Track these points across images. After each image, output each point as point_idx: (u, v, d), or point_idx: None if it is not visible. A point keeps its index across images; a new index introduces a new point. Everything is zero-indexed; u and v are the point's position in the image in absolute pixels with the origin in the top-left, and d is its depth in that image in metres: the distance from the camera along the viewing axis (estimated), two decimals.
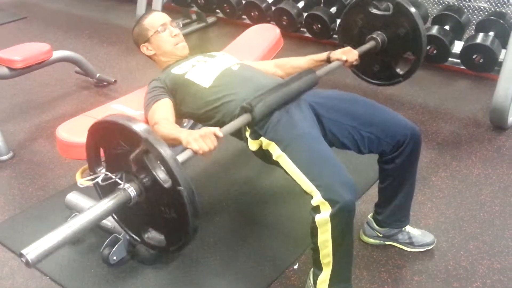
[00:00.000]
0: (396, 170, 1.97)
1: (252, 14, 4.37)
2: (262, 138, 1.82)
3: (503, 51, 3.10)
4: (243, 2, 4.42)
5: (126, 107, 2.25)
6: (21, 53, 3.24)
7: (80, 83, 3.95)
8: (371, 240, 2.21)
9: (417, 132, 1.94)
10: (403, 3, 2.37)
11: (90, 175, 1.72)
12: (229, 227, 2.37)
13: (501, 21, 3.38)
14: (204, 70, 2.09)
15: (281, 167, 1.79)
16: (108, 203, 1.48)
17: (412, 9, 2.36)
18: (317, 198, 1.62)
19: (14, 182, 2.79)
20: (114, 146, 1.55)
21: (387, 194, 2.07)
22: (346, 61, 2.20)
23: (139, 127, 1.44)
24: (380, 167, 2.02)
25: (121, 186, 1.52)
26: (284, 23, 4.18)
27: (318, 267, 1.77)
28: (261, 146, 1.86)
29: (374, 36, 2.43)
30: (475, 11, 3.73)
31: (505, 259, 2.12)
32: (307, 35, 4.25)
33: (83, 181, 1.62)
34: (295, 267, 2.13)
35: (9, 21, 5.49)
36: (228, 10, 4.52)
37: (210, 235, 2.29)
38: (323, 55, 2.26)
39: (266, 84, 1.95)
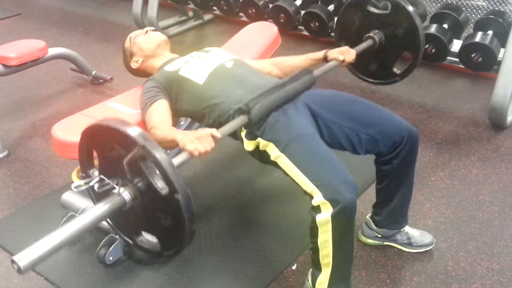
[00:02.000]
0: (393, 171, 1.96)
1: (250, 11, 4.34)
2: (259, 139, 1.81)
3: (502, 50, 3.09)
4: None
5: (122, 106, 2.22)
6: (16, 50, 3.21)
7: (76, 80, 3.92)
8: (370, 241, 2.20)
9: (414, 133, 1.92)
10: (401, 2, 2.36)
11: (82, 176, 1.69)
12: (227, 227, 2.35)
13: (500, 19, 3.36)
14: (197, 66, 2.07)
15: (280, 168, 1.77)
16: (103, 207, 1.45)
17: (410, 8, 2.35)
18: (318, 198, 1.61)
19: (9, 180, 2.76)
20: (109, 149, 1.52)
21: (385, 195, 2.06)
22: (343, 61, 2.18)
23: (135, 133, 1.41)
24: (377, 168, 2.01)
25: (116, 191, 1.49)
26: (282, 21, 4.16)
27: (317, 268, 1.76)
28: (257, 147, 1.84)
29: (371, 35, 2.41)
30: (474, 10, 3.72)
31: (504, 260, 2.11)
32: (305, 33, 4.23)
33: (77, 185, 1.58)
34: (293, 267, 2.11)
35: (3, 17, 5.45)
36: (225, 8, 4.49)
37: (207, 236, 2.28)
38: (320, 54, 2.23)
39: (260, 83, 1.94)
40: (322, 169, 1.68)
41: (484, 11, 3.65)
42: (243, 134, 1.87)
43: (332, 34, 4.08)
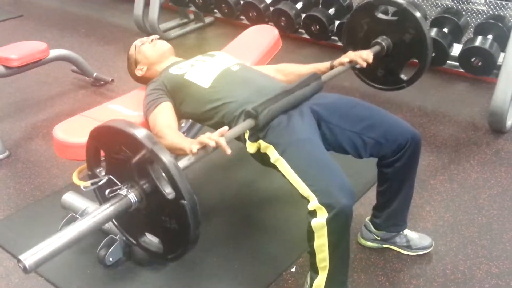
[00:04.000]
0: (395, 173, 1.96)
1: (250, 14, 4.35)
2: (260, 141, 1.81)
3: (502, 54, 3.10)
4: (241, 2, 4.41)
5: (123, 108, 2.23)
6: (18, 51, 3.22)
7: (77, 82, 3.93)
8: (369, 243, 2.20)
9: (417, 136, 1.93)
10: (410, 9, 2.36)
11: (88, 174, 1.70)
12: (227, 229, 2.36)
13: (500, 24, 3.37)
14: (203, 70, 2.08)
15: (279, 171, 1.78)
16: (108, 208, 1.46)
17: (419, 15, 2.35)
18: (314, 203, 1.61)
19: (10, 181, 2.76)
20: (116, 151, 1.52)
21: (386, 197, 2.06)
22: (350, 61, 2.14)
23: (143, 135, 1.42)
24: (379, 171, 2.02)
25: (122, 192, 1.49)
26: (283, 24, 4.17)
27: (315, 271, 1.77)
28: (259, 149, 1.84)
29: (379, 41, 2.41)
30: (474, 14, 3.72)
31: (503, 263, 2.11)
32: (306, 36, 4.24)
33: (86, 184, 1.58)
34: (293, 269, 2.12)
35: (4, 19, 5.45)
36: (226, 10, 4.50)
37: (208, 237, 2.28)
38: (326, 65, 2.22)
39: (268, 86, 1.95)
40: (319, 174, 1.69)
41: (484, 16, 3.65)
42: (246, 135, 1.87)
43: (333, 37, 4.11)
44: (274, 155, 1.77)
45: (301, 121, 1.85)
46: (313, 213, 1.63)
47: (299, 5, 4.20)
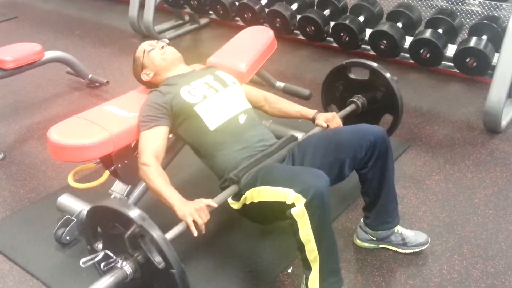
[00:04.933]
0: (370, 171, 2.05)
1: (246, 15, 4.36)
2: (243, 197, 1.91)
3: (496, 54, 3.11)
4: (237, 3, 4.41)
5: (118, 109, 2.22)
6: (12, 53, 3.21)
7: (72, 84, 3.92)
8: (365, 244, 2.21)
9: (380, 134, 2.03)
10: (378, 69, 2.51)
11: (88, 249, 1.86)
12: (222, 230, 2.35)
13: (494, 25, 3.39)
14: (213, 108, 2.08)
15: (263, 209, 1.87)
16: (107, 281, 1.61)
17: (388, 75, 2.49)
18: (291, 196, 1.68)
19: (5, 184, 2.76)
20: (111, 227, 1.67)
21: (370, 196, 2.11)
22: (328, 127, 2.25)
23: (133, 213, 1.57)
24: (358, 174, 2.10)
25: (118, 265, 1.64)
26: (278, 25, 4.18)
27: (307, 267, 1.80)
28: (244, 204, 1.94)
29: (354, 100, 2.57)
30: (468, 15, 3.74)
31: (498, 263, 2.12)
32: (301, 37, 4.25)
33: (85, 260, 1.71)
34: (289, 270, 2.12)
35: None
36: (221, 12, 4.51)
37: (203, 239, 2.27)
38: (310, 114, 2.31)
39: (259, 142, 2.07)
40: (292, 175, 1.81)
41: (479, 16, 3.67)
42: (229, 199, 1.99)
43: (328, 38, 4.12)
44: (254, 193, 1.85)
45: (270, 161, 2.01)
46: (291, 206, 1.69)
47: (294, 7, 4.22)
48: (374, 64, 2.54)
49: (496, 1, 3.59)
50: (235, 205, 2.00)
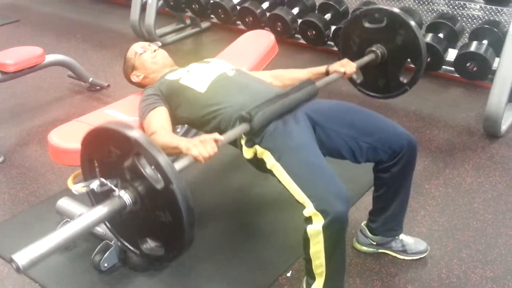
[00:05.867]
0: (392, 178, 1.97)
1: (247, 19, 4.36)
2: (256, 146, 1.81)
3: (497, 59, 3.11)
4: (238, 7, 4.42)
5: (119, 113, 2.23)
6: (14, 56, 3.22)
7: (73, 87, 3.93)
8: (365, 248, 2.20)
9: (413, 141, 1.94)
10: (395, 12, 2.37)
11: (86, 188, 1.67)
12: (223, 234, 2.36)
13: (495, 29, 3.39)
14: (199, 75, 2.08)
15: (275, 176, 1.79)
16: (102, 209, 1.44)
17: (405, 17, 2.35)
18: (310, 209, 1.62)
19: (5, 187, 2.76)
20: (107, 154, 1.51)
21: (382, 202, 2.06)
22: (344, 73, 2.18)
23: (128, 130, 1.42)
24: (375, 176, 2.02)
25: (116, 193, 1.48)
26: (279, 29, 4.18)
27: (311, 277, 1.77)
28: (255, 154, 1.84)
29: (373, 49, 2.42)
30: (469, 19, 3.75)
31: (498, 267, 2.12)
32: (302, 41, 4.25)
33: (78, 188, 1.56)
34: (288, 274, 2.12)
35: (1, 24, 5.46)
36: (222, 16, 4.52)
37: (204, 242, 2.28)
38: (321, 68, 2.24)
39: (263, 91, 1.95)
40: (315, 180, 1.69)
41: (480, 21, 3.67)
42: (243, 141, 1.87)
43: (329, 42, 4.12)
44: (270, 161, 1.78)
45: (297, 126, 1.85)
46: (308, 220, 1.64)
47: (295, 11, 4.22)
48: (392, 8, 2.40)
49: (497, 6, 3.59)
50: (248, 153, 1.86)
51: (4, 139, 3.22)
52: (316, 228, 1.61)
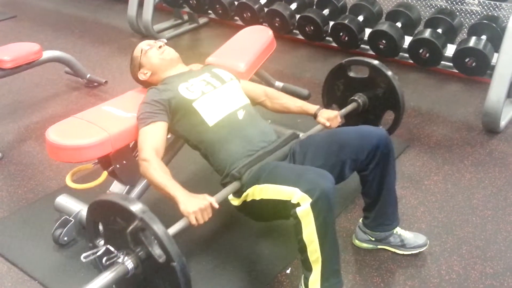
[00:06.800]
0: (371, 174, 2.04)
1: (245, 15, 4.36)
2: (244, 194, 1.91)
3: (496, 54, 3.11)
4: (236, 3, 4.41)
5: (117, 109, 2.21)
6: (11, 52, 3.20)
7: (70, 83, 3.91)
8: (364, 245, 2.20)
9: (383, 136, 2.02)
10: (378, 66, 2.48)
11: (89, 246, 1.84)
12: (221, 231, 2.35)
13: (494, 24, 3.39)
14: (212, 104, 2.08)
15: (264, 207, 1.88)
16: (108, 276, 1.58)
17: (389, 72, 2.47)
18: (296, 196, 1.68)
19: (3, 184, 2.75)
20: (112, 221, 1.65)
21: (370, 197, 2.11)
22: (329, 126, 2.25)
23: (134, 207, 1.54)
24: (358, 175, 2.09)
25: (120, 260, 1.61)
26: (277, 24, 4.17)
27: (308, 268, 1.79)
28: (244, 201, 1.94)
29: (355, 98, 2.55)
30: (468, 15, 3.74)
31: (497, 264, 2.12)
32: (300, 37, 4.25)
33: (86, 255, 1.68)
34: (287, 271, 2.12)
35: None
36: (220, 11, 4.51)
37: (202, 240, 2.28)
38: (311, 110, 2.30)
39: (257, 137, 2.05)
40: (297, 174, 1.79)
41: (478, 16, 3.67)
42: (230, 196, 1.98)
43: (327, 38, 4.11)
44: (257, 190, 1.86)
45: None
46: (297, 205, 1.69)
47: (293, 6, 4.21)
48: (374, 61, 2.52)
49: (495, 1, 3.58)
50: (235, 202, 2.00)
51: (2, 135, 3.21)
52: (304, 209, 1.67)
